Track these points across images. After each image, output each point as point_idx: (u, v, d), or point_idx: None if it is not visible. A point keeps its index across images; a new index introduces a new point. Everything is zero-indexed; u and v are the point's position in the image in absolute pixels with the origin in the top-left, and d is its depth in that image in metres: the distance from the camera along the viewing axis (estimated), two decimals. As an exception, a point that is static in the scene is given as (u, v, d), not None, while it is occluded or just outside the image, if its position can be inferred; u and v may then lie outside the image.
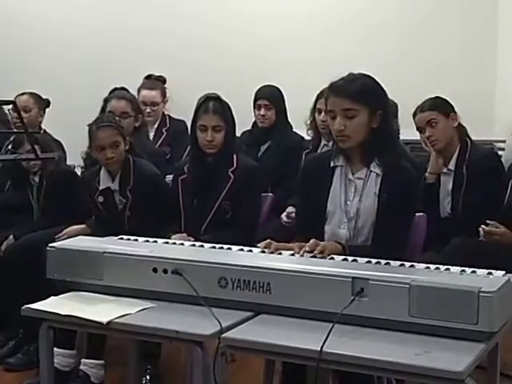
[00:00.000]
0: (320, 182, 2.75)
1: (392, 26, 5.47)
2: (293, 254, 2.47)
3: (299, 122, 4.32)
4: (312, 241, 2.49)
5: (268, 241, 2.56)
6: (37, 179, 4.09)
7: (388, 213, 2.63)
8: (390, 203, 2.63)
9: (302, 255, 2.45)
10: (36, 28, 5.78)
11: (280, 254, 2.49)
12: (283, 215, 4.10)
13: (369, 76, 2.71)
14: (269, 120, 4.52)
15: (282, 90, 4.58)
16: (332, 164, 2.75)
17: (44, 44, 5.76)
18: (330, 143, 2.99)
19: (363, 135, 2.65)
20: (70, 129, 4.49)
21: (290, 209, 4.06)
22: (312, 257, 2.42)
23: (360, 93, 2.62)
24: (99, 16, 5.73)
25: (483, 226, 3.13)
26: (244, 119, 4.31)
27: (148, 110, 5.03)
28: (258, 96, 4.55)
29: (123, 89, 4.26)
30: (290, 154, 4.26)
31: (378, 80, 2.71)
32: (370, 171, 2.69)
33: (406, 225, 2.70)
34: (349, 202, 2.69)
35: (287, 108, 4.56)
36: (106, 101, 4.07)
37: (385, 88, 2.74)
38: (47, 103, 4.79)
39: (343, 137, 2.64)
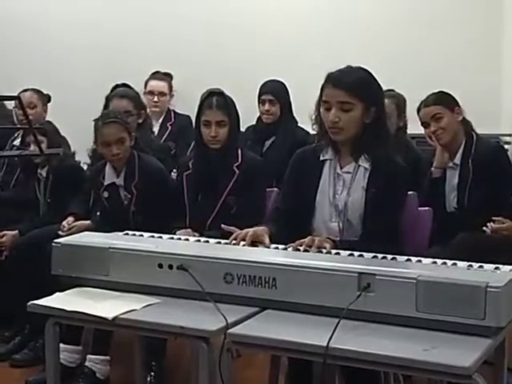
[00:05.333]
0: (309, 176, 2.77)
1: (398, 21, 5.45)
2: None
3: (305, 116, 4.30)
4: (309, 237, 2.48)
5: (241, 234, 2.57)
6: (44, 173, 4.10)
7: (376, 207, 2.63)
8: (378, 197, 2.63)
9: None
10: (39, 23, 5.77)
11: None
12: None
13: (366, 70, 2.71)
14: (273, 115, 4.51)
15: (286, 84, 4.56)
16: (321, 158, 2.77)
17: (48, 40, 5.76)
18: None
19: (355, 129, 2.66)
20: (75, 126, 4.49)
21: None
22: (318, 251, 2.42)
23: (356, 87, 2.62)
24: (103, 11, 5.72)
25: (491, 224, 3.12)
26: (248, 114, 4.30)
27: (155, 99, 5.07)
28: (263, 91, 4.53)
29: (125, 85, 4.24)
30: (295, 150, 4.21)
31: (374, 75, 2.70)
32: (359, 165, 2.70)
33: (394, 219, 2.68)
34: (337, 196, 2.70)
35: (292, 103, 4.54)
36: (108, 99, 4.05)
37: (389, 81, 2.73)
38: (48, 98, 4.80)
39: (336, 129, 2.66)
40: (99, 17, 5.72)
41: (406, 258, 2.33)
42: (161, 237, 2.70)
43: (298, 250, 2.45)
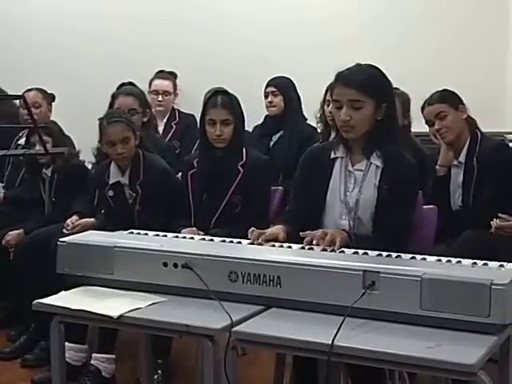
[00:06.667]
0: (320, 174, 2.75)
1: (404, 19, 5.44)
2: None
3: (311, 115, 4.30)
4: (320, 231, 2.48)
5: (256, 232, 2.56)
6: (49, 173, 4.12)
7: (388, 204, 2.63)
8: (390, 195, 2.63)
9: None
10: (42, 22, 5.78)
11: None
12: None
13: (375, 67, 2.71)
14: (277, 107, 4.53)
15: (295, 82, 4.59)
16: (332, 155, 2.76)
17: (54, 40, 5.76)
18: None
19: (367, 127, 2.65)
20: (80, 125, 4.50)
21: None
22: (323, 250, 2.42)
23: (367, 84, 2.62)
24: (108, 10, 5.72)
25: (495, 221, 3.12)
26: (255, 114, 4.31)
27: (160, 98, 5.09)
28: (266, 85, 4.59)
29: (130, 84, 4.25)
30: (302, 145, 4.22)
31: (384, 71, 2.70)
32: (370, 163, 2.69)
33: (406, 215, 2.69)
34: (348, 193, 2.69)
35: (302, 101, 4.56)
36: (114, 97, 4.06)
37: (394, 79, 2.73)
38: (53, 98, 4.80)
39: (348, 127, 2.64)
40: (104, 16, 5.72)
41: (410, 255, 2.33)
42: (166, 235, 2.70)
43: (303, 248, 2.45)
